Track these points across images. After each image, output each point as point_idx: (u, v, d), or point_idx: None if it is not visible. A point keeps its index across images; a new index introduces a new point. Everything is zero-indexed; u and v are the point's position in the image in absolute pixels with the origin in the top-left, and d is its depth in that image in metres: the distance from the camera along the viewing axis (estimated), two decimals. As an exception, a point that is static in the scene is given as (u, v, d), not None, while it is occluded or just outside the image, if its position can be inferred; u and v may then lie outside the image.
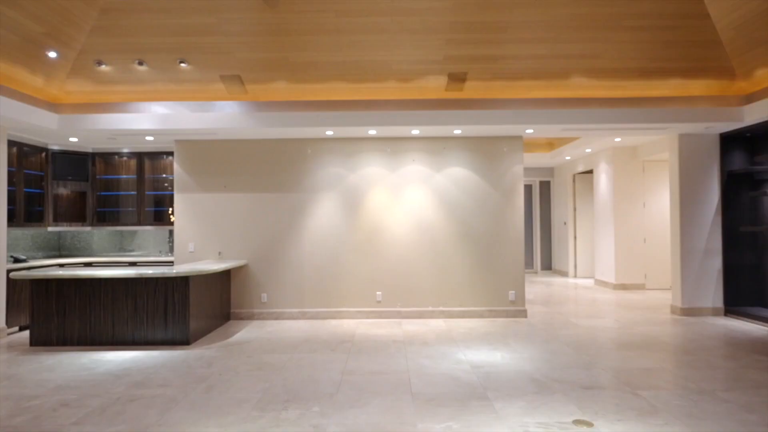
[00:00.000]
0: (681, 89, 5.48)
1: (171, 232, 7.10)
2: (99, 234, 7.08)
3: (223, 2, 4.50)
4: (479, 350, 4.54)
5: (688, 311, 6.12)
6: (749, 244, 6.09)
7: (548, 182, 11.51)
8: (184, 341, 4.83)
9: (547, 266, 11.38)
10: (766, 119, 5.36)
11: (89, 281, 4.83)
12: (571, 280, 9.86)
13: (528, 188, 11.52)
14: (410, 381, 3.67)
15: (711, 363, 4.11)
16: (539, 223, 11.40)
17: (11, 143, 5.66)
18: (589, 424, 2.85)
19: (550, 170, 11.42)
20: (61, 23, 4.48)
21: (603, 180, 8.89)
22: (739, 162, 6.16)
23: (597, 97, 5.51)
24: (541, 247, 11.38)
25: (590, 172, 10.05)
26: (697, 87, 5.47)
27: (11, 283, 5.40)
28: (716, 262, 6.15)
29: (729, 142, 6.15)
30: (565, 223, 10.65)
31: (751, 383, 3.57)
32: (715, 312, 6.13)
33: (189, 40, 4.81)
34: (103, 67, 5.04)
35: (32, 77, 4.96)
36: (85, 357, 4.43)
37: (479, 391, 3.43)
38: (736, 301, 6.09)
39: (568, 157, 9.82)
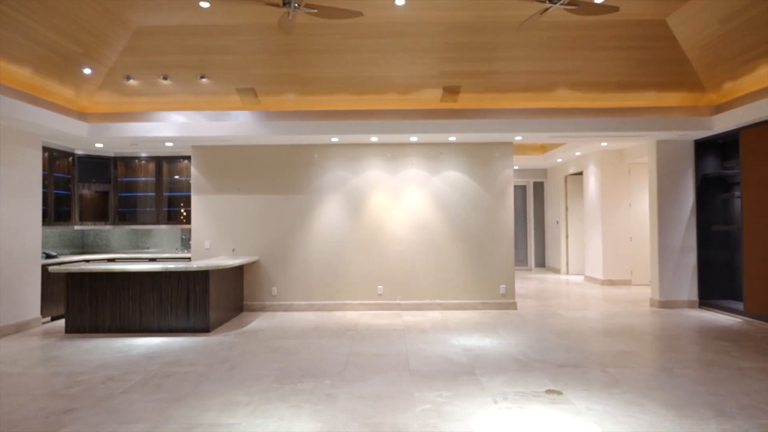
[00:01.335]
0: (656, 100, 6.00)
1: (183, 231, 7.62)
2: (118, 232, 7.61)
3: (242, 26, 5.02)
4: (471, 337, 5.06)
5: (666, 304, 6.64)
6: (721, 242, 6.61)
7: (542, 183, 12.03)
8: (204, 329, 5.35)
9: (541, 264, 11.90)
10: (733, 128, 5.88)
11: (119, 275, 5.35)
12: (563, 277, 10.37)
13: (522, 189, 12.04)
14: (408, 361, 4.20)
15: (676, 347, 4.63)
16: (533, 222, 11.92)
17: (43, 149, 6.17)
18: (559, 393, 3.37)
19: (544, 171, 11.93)
20: (97, 44, 5.00)
21: (592, 181, 9.41)
22: (712, 166, 6.68)
23: (580, 107, 6.03)
24: (535, 246, 11.90)
25: (581, 173, 10.56)
26: (671, 98, 5.98)
27: (45, 277, 5.92)
28: (691, 259, 6.67)
29: (703, 148, 6.66)
30: (557, 223, 11.17)
31: (707, 362, 4.09)
32: (690, 305, 6.65)
33: (209, 58, 5.33)
34: (131, 82, 5.56)
35: (64, 89, 5.47)
36: (118, 342, 4.95)
37: (468, 369, 3.95)
38: (709, 295, 6.61)
39: (559, 160, 10.33)
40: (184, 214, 7.37)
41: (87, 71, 5.28)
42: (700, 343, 4.75)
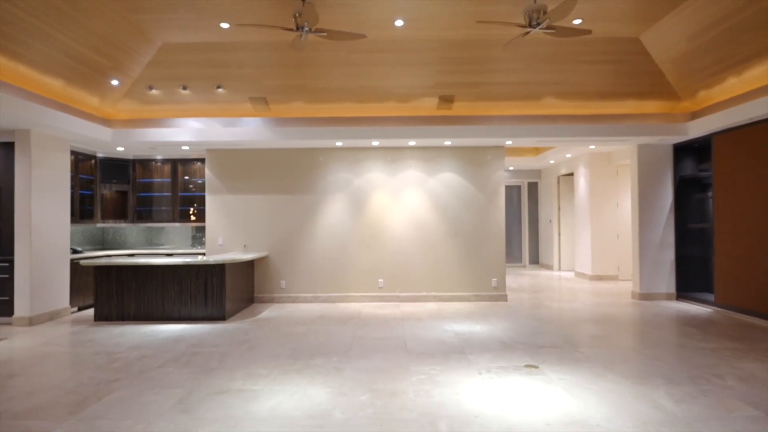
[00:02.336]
0: (636, 108, 6.52)
1: (194, 228, 8.15)
2: (135, 230, 8.14)
3: (257, 42, 5.54)
4: (462, 324, 5.59)
5: (646, 296, 7.16)
6: (697, 238, 7.13)
7: (536, 183, 12.54)
8: (221, 317, 5.88)
9: (535, 260, 12.42)
10: (706, 133, 6.39)
11: (143, 268, 5.88)
12: (555, 273, 10.89)
13: (517, 189, 12.56)
14: (406, 343, 4.72)
15: (646, 332, 5.15)
16: (527, 220, 12.43)
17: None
18: (536, 367, 3.89)
19: (538, 172, 12.45)
20: (125, 58, 5.53)
21: (582, 182, 9.92)
22: (689, 169, 7.20)
23: (565, 114, 6.54)
24: (529, 243, 12.42)
25: (572, 174, 11.07)
26: (649, 106, 6.50)
27: (72, 271, 6.45)
28: (669, 254, 7.19)
29: (681, 151, 7.18)
30: (550, 221, 11.68)
31: (670, 344, 4.61)
32: (668, 297, 7.17)
33: (226, 71, 5.86)
34: (153, 91, 6.09)
35: (90, 97, 6.00)
36: (144, 328, 5.48)
37: (458, 349, 4.48)
38: (685, 287, 7.13)
39: (552, 161, 10.85)
40: (195, 213, 7.89)
41: (114, 82, 5.80)
42: (668, 329, 5.27)
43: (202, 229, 8.15)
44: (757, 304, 5.64)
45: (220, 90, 6.09)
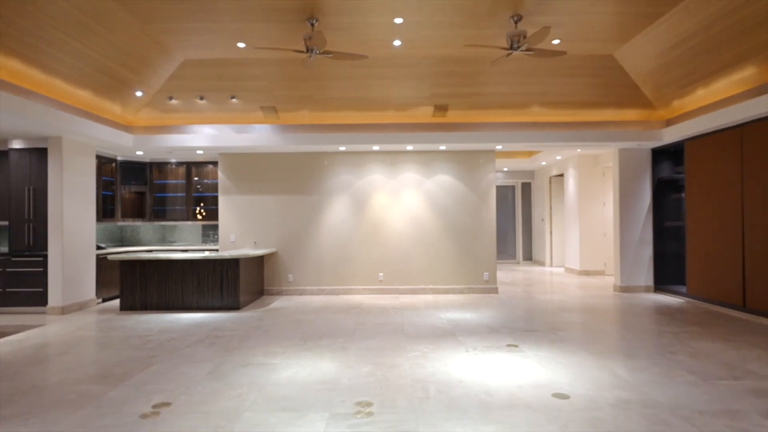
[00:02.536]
0: (616, 116, 7.09)
1: (203, 226, 8.73)
2: (150, 228, 8.71)
3: (269, 59, 6.11)
4: (455, 312, 6.17)
5: (626, 289, 7.74)
6: (673, 236, 7.71)
7: (529, 183, 13.12)
8: (235, 307, 6.45)
9: (528, 257, 13.00)
10: (679, 139, 6.96)
11: (164, 262, 6.46)
12: (547, 269, 11.47)
13: (511, 189, 13.13)
14: (403, 328, 5.30)
15: (620, 319, 5.73)
16: (521, 219, 13.01)
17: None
18: (516, 346, 4.47)
19: (531, 173, 13.03)
20: (149, 72, 6.10)
21: (571, 183, 10.50)
22: (666, 171, 7.77)
23: (550, 121, 7.11)
24: (523, 241, 13.00)
25: (562, 175, 11.65)
26: (628, 114, 7.07)
27: (98, 265, 7.03)
28: (648, 251, 7.77)
29: (658, 155, 7.75)
30: (542, 220, 12.26)
31: (639, 329, 5.19)
32: (647, 289, 7.75)
33: (240, 83, 6.43)
34: (173, 101, 6.66)
35: (113, 106, 6.56)
36: (166, 317, 6.05)
37: (450, 332, 5.06)
38: (663, 281, 7.71)
39: (543, 163, 11.42)
40: (204, 212, 8.47)
41: (138, 93, 6.38)
42: (641, 317, 5.85)
43: (211, 227, 8.72)
44: (722, 294, 6.22)
45: (234, 100, 6.66)
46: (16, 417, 2.97)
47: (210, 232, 8.76)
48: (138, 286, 6.48)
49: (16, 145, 6.45)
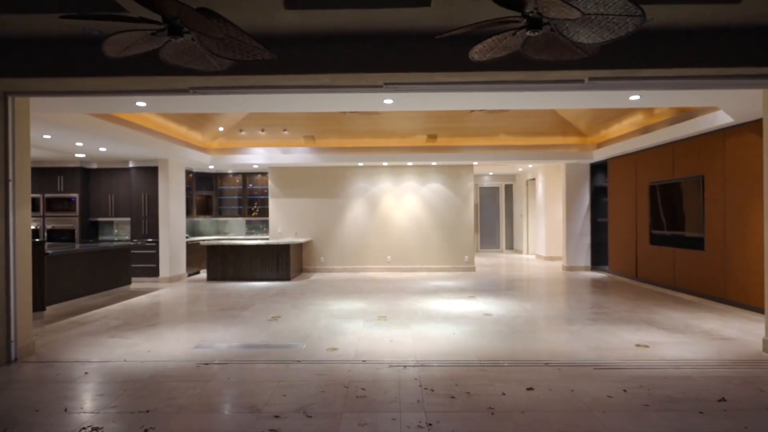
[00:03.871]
0: (561, 141, 9.74)
1: (248, 222, 11.51)
2: (207, 222, 11.49)
3: (312, 108, 8.83)
4: (440, 282, 8.90)
5: (570, 268, 10.43)
6: (604, 229, 10.38)
7: (511, 185, 15.77)
8: (286, 279, 9.21)
9: (510, 246, 15.68)
10: (605, 158, 9.62)
11: (237, 246, 9.22)
12: (524, 256, 14.16)
13: (496, 190, 15.78)
14: (404, 289, 8.04)
15: (556, 286, 8.42)
16: (504, 215, 15.67)
17: (181, 171, 10.04)
18: (473, 297, 7.21)
19: (513, 177, 15.68)
20: (229, 116, 8.85)
21: (540, 186, 13.15)
22: (600, 181, 10.43)
23: (513, 144, 9.78)
24: (505, 233, 15.68)
25: (535, 179, 14.28)
26: (570, 140, 9.72)
27: (187, 248, 9.82)
28: (587, 240, 10.44)
29: (594, 168, 10.41)
30: (521, 215, 14.92)
31: (559, 290, 7.88)
32: (585, 268, 10.44)
33: (290, 121, 9.16)
34: (242, 133, 9.40)
35: (197, 135, 9.29)
36: (241, 285, 8.82)
37: (434, 291, 7.79)
38: (597, 262, 10.39)
39: (520, 169, 14.07)
40: (257, 210, 11.22)
41: (221, 128, 9.13)
42: (568, 284, 8.55)
43: (257, 222, 11.48)
44: (625, 270, 8.91)
45: (285, 132, 9.40)
46: (204, 323, 5.73)
47: (256, 227, 11.52)
48: (219, 263, 9.26)
49: (134, 164, 9.21)
